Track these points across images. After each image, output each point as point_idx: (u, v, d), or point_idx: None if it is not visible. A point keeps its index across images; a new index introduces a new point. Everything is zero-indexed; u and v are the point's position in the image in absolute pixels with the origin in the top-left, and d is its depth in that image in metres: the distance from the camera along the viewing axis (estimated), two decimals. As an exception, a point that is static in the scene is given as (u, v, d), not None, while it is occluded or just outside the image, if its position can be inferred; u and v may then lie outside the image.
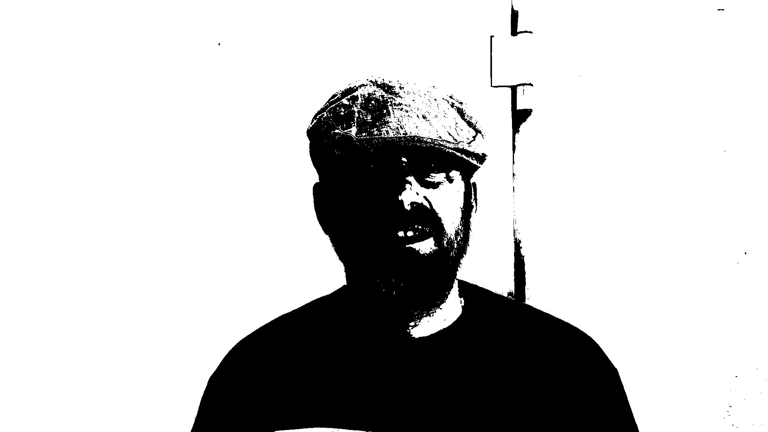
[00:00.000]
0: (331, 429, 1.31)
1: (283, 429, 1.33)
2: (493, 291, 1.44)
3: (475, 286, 1.43)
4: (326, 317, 1.42)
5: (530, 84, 1.83)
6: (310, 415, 1.32)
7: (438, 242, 1.26)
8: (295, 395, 1.34)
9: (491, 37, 1.86)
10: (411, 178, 1.25)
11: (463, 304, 1.38)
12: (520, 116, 1.85)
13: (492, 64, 1.85)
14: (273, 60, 1.91)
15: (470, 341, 1.34)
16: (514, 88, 1.85)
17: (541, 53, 1.84)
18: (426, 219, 1.26)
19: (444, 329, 1.34)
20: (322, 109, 1.36)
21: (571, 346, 1.36)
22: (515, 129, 1.86)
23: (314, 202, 1.39)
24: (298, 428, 1.32)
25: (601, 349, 1.39)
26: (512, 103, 1.86)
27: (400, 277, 1.27)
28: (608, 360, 1.38)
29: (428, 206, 1.26)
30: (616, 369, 1.38)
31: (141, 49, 1.88)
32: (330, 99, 1.36)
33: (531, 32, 1.84)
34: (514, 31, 1.85)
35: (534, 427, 1.28)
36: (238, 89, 1.90)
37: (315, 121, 1.34)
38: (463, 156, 1.27)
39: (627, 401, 1.36)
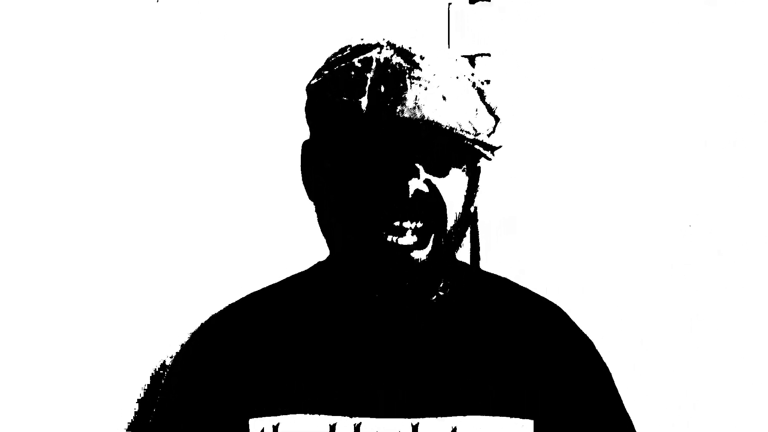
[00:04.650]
0: (314, 415, 1.24)
1: (265, 414, 1.25)
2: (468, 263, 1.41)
3: (458, 260, 1.39)
4: (305, 293, 1.33)
5: (488, 54, 1.79)
6: (290, 398, 1.25)
7: (436, 240, 1.19)
8: (274, 376, 1.26)
9: (449, 4, 1.80)
10: (419, 164, 1.16)
11: (449, 279, 1.34)
12: (476, 87, 1.81)
13: (449, 33, 1.80)
14: (215, 18, 1.79)
15: (454, 315, 1.30)
16: (471, 58, 1.81)
17: (499, 22, 1.80)
18: (428, 211, 1.18)
19: (432, 303, 1.29)
20: (328, 64, 1.23)
21: (549, 319, 1.36)
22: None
23: (302, 162, 1.29)
24: (280, 414, 1.25)
25: (573, 321, 1.39)
26: (469, 74, 1.81)
27: (390, 278, 1.20)
28: (581, 330, 1.38)
29: (433, 197, 1.18)
30: (589, 338, 1.38)
31: (73, 5, 1.74)
32: (338, 54, 1.23)
33: (489, 0, 1.80)
34: None
35: (511, 395, 1.26)
36: (178, 49, 1.78)
37: (320, 78, 1.22)
38: (480, 148, 1.18)
39: (606, 366, 1.36)
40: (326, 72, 1.22)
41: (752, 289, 1.79)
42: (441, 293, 1.31)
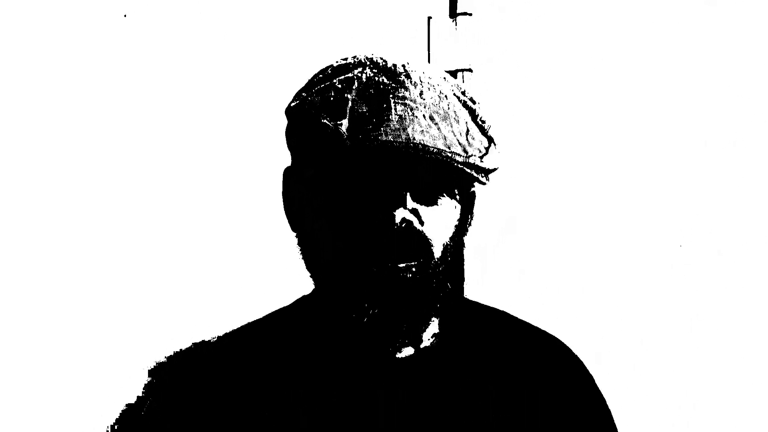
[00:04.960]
0: None
1: None
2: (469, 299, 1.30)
3: (452, 294, 1.25)
4: (288, 334, 1.20)
5: (470, 70, 1.73)
6: None
7: (423, 269, 1.08)
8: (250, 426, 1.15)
9: (429, 18, 1.74)
10: (405, 192, 1.04)
11: (442, 318, 1.21)
12: (458, 104, 1.74)
13: (429, 47, 1.74)
14: (183, 33, 1.73)
15: (453, 360, 1.18)
16: (452, 74, 1.74)
17: (481, 36, 1.74)
18: (414, 243, 1.06)
19: (426, 348, 1.16)
20: (308, 85, 1.13)
21: (553, 358, 1.24)
22: (452, 117, 1.75)
23: (283, 190, 1.18)
24: None
25: (577, 358, 1.27)
26: (450, 90, 1.75)
27: (376, 305, 1.08)
28: (585, 368, 1.27)
29: (419, 228, 1.06)
30: (592, 377, 1.27)
31: (43, 21, 1.67)
32: (319, 75, 1.13)
33: (470, 14, 1.74)
34: (453, 13, 1.74)
35: None
36: (146, 64, 1.71)
37: (298, 101, 1.11)
38: (472, 172, 1.06)
39: (607, 407, 1.27)
40: (305, 94, 1.11)
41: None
42: (432, 337, 1.18)
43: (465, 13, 1.73)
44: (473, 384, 1.16)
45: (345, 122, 1.03)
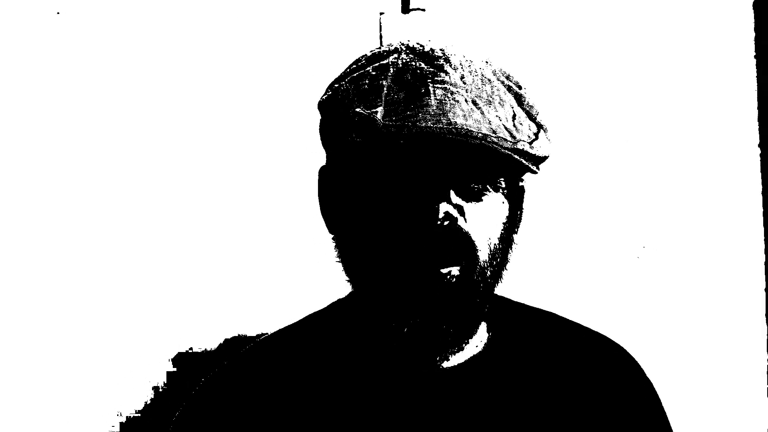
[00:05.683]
0: None
1: None
2: (515, 300, 1.21)
3: (499, 297, 1.19)
4: (325, 342, 1.13)
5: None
6: None
7: (468, 272, 1.00)
8: None
9: (380, 14, 1.68)
10: (448, 184, 0.98)
11: (490, 324, 1.15)
12: (411, 103, 1.69)
13: (381, 44, 1.68)
14: (118, 31, 1.64)
15: (505, 368, 1.11)
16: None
17: (435, 34, 1.69)
18: (456, 241, 0.99)
19: (474, 356, 1.10)
20: (340, 77, 1.07)
21: (610, 363, 1.18)
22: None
23: (319, 190, 1.12)
24: None
25: (639, 365, 1.22)
26: (403, 89, 1.69)
27: (417, 315, 1.01)
28: (646, 376, 1.22)
29: (462, 225, 0.99)
30: (652, 384, 1.22)
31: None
32: (351, 65, 1.08)
33: (424, 10, 1.68)
34: (406, 9, 1.69)
35: None
36: (79, 62, 1.63)
37: (331, 92, 1.06)
38: (521, 159, 0.99)
39: (665, 415, 1.22)
40: (338, 85, 1.06)
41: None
42: (480, 343, 1.11)
43: (418, 9, 1.68)
44: (526, 392, 1.09)
45: (380, 110, 0.96)
